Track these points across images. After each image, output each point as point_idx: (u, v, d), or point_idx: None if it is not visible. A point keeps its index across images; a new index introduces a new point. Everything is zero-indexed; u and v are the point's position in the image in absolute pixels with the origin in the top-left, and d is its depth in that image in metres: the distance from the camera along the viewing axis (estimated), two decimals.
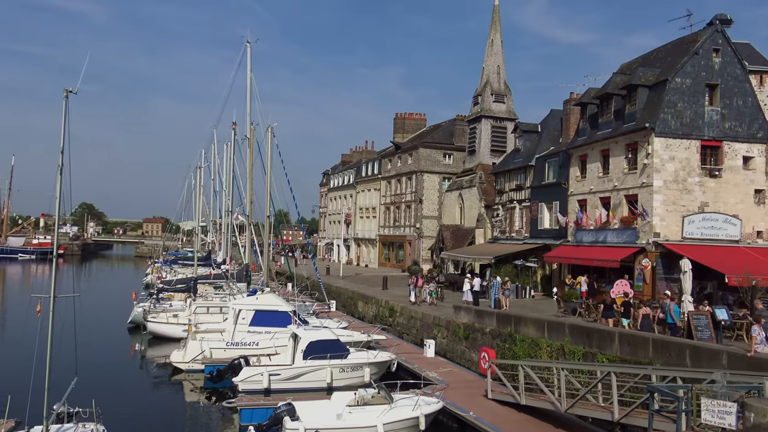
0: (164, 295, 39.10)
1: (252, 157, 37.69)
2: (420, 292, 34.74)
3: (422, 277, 37.02)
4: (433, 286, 35.27)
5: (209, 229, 75.96)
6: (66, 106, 15.23)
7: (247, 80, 38.85)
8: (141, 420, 20.05)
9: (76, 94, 15.40)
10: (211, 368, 23.36)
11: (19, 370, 17.73)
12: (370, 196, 72.20)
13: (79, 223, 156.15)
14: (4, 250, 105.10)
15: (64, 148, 15.03)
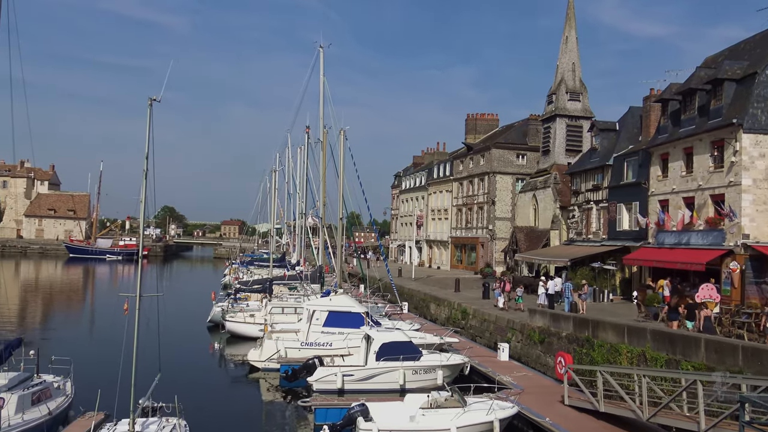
0: (241, 295, 40.22)
1: (325, 160, 38.24)
2: (508, 297, 33.39)
3: (510, 281, 35.60)
4: (521, 290, 33.66)
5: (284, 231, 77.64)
6: (150, 114, 15.92)
7: (320, 84, 39.44)
8: (220, 416, 20.66)
9: (159, 102, 16.09)
10: (287, 367, 23.80)
11: (108, 366, 18.62)
12: (441, 197, 71.92)
13: (161, 226, 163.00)
14: (93, 251, 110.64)
15: (149, 153, 15.72)
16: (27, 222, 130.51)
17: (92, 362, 24.10)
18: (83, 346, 31.42)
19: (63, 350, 22.32)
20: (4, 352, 17.22)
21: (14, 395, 15.79)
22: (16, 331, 32.95)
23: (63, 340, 32.17)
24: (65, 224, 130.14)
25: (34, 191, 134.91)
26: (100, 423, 15.37)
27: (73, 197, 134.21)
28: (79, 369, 19.79)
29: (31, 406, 16.16)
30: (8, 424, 14.65)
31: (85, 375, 20.20)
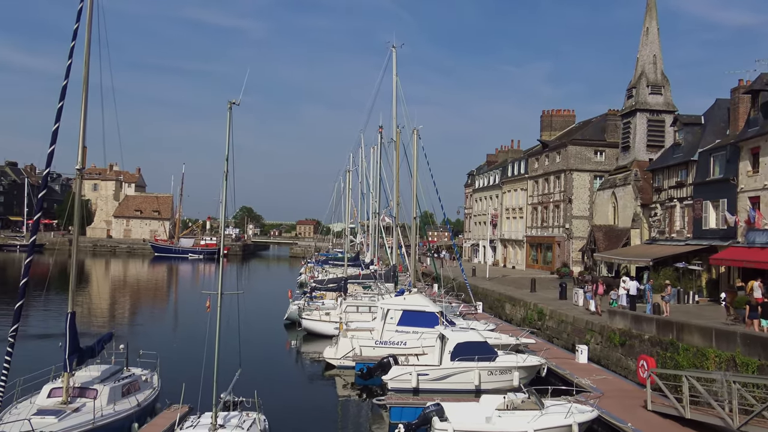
0: (317, 293, 40.90)
1: (398, 159, 38.38)
2: (601, 300, 31.30)
3: (603, 283, 33.82)
4: (615, 294, 31.09)
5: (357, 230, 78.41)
6: (230, 117, 16.43)
7: (393, 84, 39.57)
8: (297, 411, 21.07)
9: (238, 105, 16.58)
10: (362, 365, 24.03)
11: (192, 361, 19.35)
12: (516, 196, 70.79)
13: (240, 226, 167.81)
14: (176, 250, 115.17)
15: (229, 155, 16.22)
16: (116, 222, 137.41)
17: (177, 357, 25.06)
18: (168, 341, 32.75)
19: (150, 345, 23.32)
20: (96, 346, 18.18)
21: (106, 387, 16.65)
22: (107, 325, 34.70)
23: (149, 335, 33.65)
24: (150, 224, 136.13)
25: (122, 193, 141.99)
26: (184, 415, 16.00)
27: (158, 198, 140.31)
28: (164, 363, 20.65)
29: (122, 397, 16.98)
30: (101, 414, 15.44)
31: (170, 369, 21.03)
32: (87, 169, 18.77)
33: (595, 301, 30.85)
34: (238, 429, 14.67)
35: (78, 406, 15.71)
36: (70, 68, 16.34)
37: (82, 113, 17.13)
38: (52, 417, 14.77)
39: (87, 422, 14.88)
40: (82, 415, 15.23)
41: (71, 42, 16.47)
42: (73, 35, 16.57)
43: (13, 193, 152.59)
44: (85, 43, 17.06)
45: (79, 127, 17.22)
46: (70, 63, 16.32)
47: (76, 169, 17.68)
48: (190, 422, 15.13)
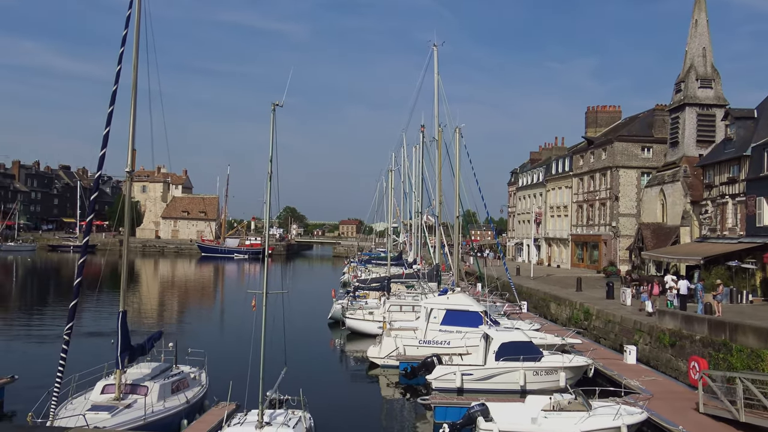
0: (360, 293, 41.06)
1: (440, 158, 38.24)
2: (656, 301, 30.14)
3: (659, 284, 32.78)
4: (672, 295, 29.74)
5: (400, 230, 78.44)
6: (273, 118, 16.63)
7: (435, 83, 39.50)
8: (341, 410, 21.18)
9: (281, 107, 16.77)
10: (405, 365, 23.99)
11: (238, 359, 19.67)
12: (561, 194, 69.75)
13: (283, 226, 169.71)
14: (222, 250, 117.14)
15: (272, 156, 16.41)
16: (164, 223, 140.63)
17: (224, 355, 25.47)
18: (215, 339, 33.35)
19: (197, 343, 23.79)
20: (147, 344, 18.65)
21: (156, 384, 17.06)
22: (157, 324, 35.55)
23: (197, 334, 34.30)
24: (197, 225, 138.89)
25: (169, 195, 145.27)
26: (232, 413, 16.24)
27: (204, 200, 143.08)
28: (211, 361, 21.04)
29: (171, 394, 17.38)
30: (152, 410, 15.83)
31: (218, 367, 21.38)
32: (136, 172, 19.25)
33: (651, 302, 29.72)
34: (284, 427, 14.82)
35: (130, 402, 16.15)
36: (120, 73, 16.81)
37: (131, 117, 17.60)
38: (105, 413, 15.21)
39: (138, 418, 15.28)
40: (133, 411, 15.64)
41: (120, 48, 16.93)
42: (122, 41, 17.02)
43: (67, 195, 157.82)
44: (133, 49, 17.53)
45: (129, 130, 17.69)
46: (120, 68, 16.78)
47: (126, 172, 18.17)
48: (238, 419, 15.35)
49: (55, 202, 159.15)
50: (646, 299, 30.37)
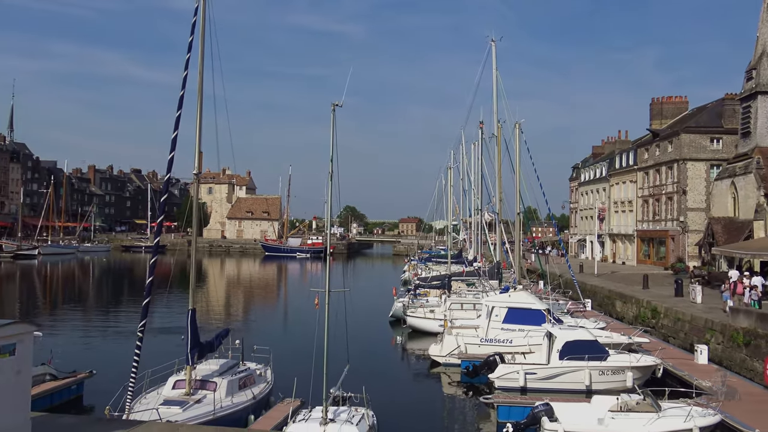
0: (421, 291, 41.08)
1: (500, 154, 37.81)
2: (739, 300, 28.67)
3: (741, 282, 31.01)
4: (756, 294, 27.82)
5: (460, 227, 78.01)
6: (333, 119, 16.87)
7: (493, 78, 39.06)
8: (404, 407, 21.28)
9: (341, 107, 16.99)
10: (467, 363, 23.90)
11: (302, 356, 20.05)
12: (625, 188, 67.84)
13: (344, 224, 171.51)
14: (285, 249, 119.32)
15: (333, 156, 16.66)
16: (229, 224, 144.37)
17: (288, 352, 25.97)
18: (280, 336, 34.06)
19: (262, 340, 24.35)
20: (215, 341, 19.23)
21: (224, 380, 17.58)
22: (224, 322, 36.58)
23: (262, 331, 35.11)
24: (261, 225, 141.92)
25: (234, 196, 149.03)
26: (297, 409, 16.55)
27: (267, 200, 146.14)
28: (276, 358, 21.51)
29: (239, 390, 17.86)
30: (220, 406, 16.32)
31: (282, 363, 21.84)
32: (202, 174, 19.86)
33: (734, 302, 28.29)
34: (348, 424, 15.00)
35: (200, 397, 16.69)
36: (186, 79, 17.38)
37: (197, 121, 18.15)
38: (177, 407, 15.79)
39: (208, 413, 15.78)
40: (203, 406, 16.17)
41: (186, 54, 17.47)
42: (188, 47, 17.56)
43: (138, 198, 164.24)
44: (198, 55, 18.10)
45: (195, 133, 18.28)
46: (186, 74, 17.35)
47: (193, 174, 18.77)
48: (303, 416, 15.62)
49: (127, 204, 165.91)
50: (728, 298, 28.93)
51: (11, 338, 7.51)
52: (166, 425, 10.18)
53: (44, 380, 19.43)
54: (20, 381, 7.72)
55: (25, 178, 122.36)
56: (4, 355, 7.39)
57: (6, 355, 7.43)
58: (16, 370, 7.63)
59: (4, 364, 7.38)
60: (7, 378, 7.45)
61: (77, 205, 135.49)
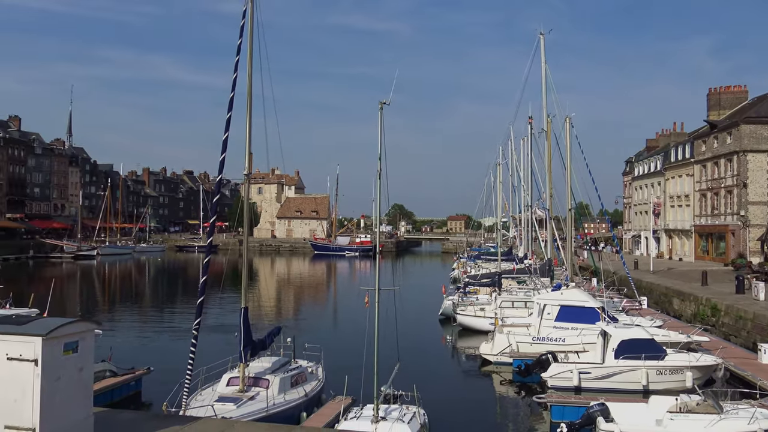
0: (470, 289, 40.76)
1: (550, 150, 37.18)
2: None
3: None
4: None
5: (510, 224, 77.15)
6: (381, 117, 16.88)
7: (542, 72, 38.41)
8: (454, 406, 21.12)
9: (389, 105, 16.98)
10: (519, 362, 23.58)
11: (353, 354, 20.15)
12: (681, 182, 65.83)
13: (392, 223, 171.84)
14: (334, 248, 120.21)
15: (381, 155, 16.66)
16: (279, 223, 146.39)
17: (338, 350, 26.12)
18: (330, 334, 34.31)
19: (313, 338, 24.57)
20: (267, 339, 19.48)
21: (277, 377, 17.80)
22: (275, 320, 37.09)
23: (313, 329, 35.41)
24: (309, 224, 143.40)
25: (283, 195, 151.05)
26: (348, 407, 16.64)
27: (315, 199, 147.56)
28: (327, 355, 21.66)
29: (291, 387, 18.05)
30: (273, 403, 16.53)
31: (333, 361, 21.96)
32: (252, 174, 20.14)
33: None
34: (399, 422, 14.99)
35: (253, 394, 16.95)
36: (236, 81, 17.65)
37: (247, 122, 18.41)
38: (231, 404, 16.08)
39: (261, 410, 16.00)
40: (256, 403, 16.41)
41: (235, 57, 17.74)
42: (237, 50, 17.81)
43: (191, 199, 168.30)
44: (247, 57, 18.35)
45: (245, 135, 18.54)
46: (236, 76, 17.61)
47: (244, 175, 19.06)
48: (354, 413, 15.69)
49: (180, 205, 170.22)
50: None
51: (74, 336, 7.74)
52: (221, 421, 10.35)
53: (104, 376, 20.05)
54: (83, 377, 7.96)
55: (83, 182, 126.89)
56: (67, 352, 7.63)
57: (69, 352, 7.66)
58: (79, 366, 7.86)
59: (67, 361, 7.62)
60: (71, 374, 7.69)
61: (133, 207, 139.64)
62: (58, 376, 7.48)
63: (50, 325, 7.52)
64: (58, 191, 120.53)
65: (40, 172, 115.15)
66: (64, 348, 7.59)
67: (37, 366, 7.26)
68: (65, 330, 7.60)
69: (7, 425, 7.35)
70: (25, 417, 7.30)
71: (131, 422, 9.22)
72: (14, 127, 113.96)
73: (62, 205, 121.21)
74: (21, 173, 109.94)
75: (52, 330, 7.39)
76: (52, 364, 7.39)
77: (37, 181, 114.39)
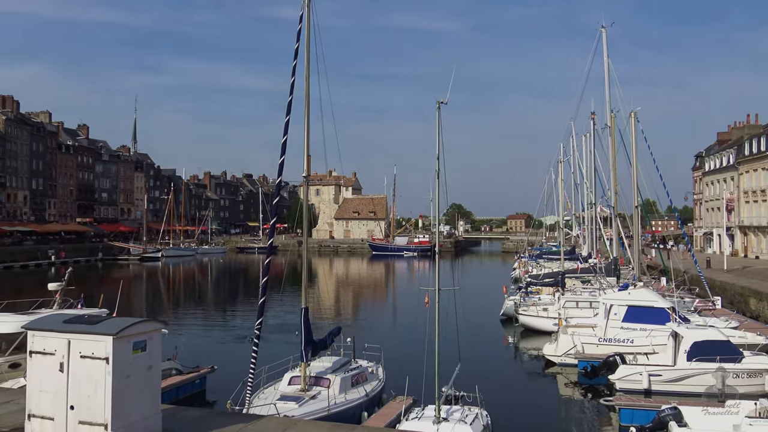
0: (533, 289, 40.00)
1: (614, 145, 36.12)
2: None
3: None
4: None
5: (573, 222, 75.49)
6: (439, 116, 16.69)
7: (605, 66, 37.44)
8: (518, 408, 20.73)
9: (446, 104, 16.78)
10: (585, 363, 22.90)
11: (412, 354, 20.01)
12: (756, 176, 62.89)
13: (450, 222, 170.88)
14: (392, 248, 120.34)
15: (439, 154, 16.46)
16: (336, 224, 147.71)
17: (398, 350, 25.97)
18: (389, 334, 34.23)
19: (373, 338, 24.54)
20: (327, 339, 19.56)
21: (338, 377, 17.84)
22: (334, 320, 37.31)
23: (372, 329, 35.44)
24: (367, 225, 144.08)
25: (341, 197, 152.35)
26: (409, 407, 16.53)
27: (373, 200, 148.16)
28: (387, 355, 21.57)
29: (352, 387, 18.05)
30: (334, 402, 16.56)
31: (393, 361, 21.85)
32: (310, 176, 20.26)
33: None
34: (461, 423, 14.77)
35: (314, 393, 17.03)
36: (294, 85, 17.77)
37: (305, 125, 18.53)
38: (293, 403, 16.19)
39: (323, 409, 16.04)
40: (318, 402, 16.47)
41: (293, 61, 17.87)
42: (295, 54, 17.93)
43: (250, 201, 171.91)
44: (305, 61, 18.44)
45: (304, 138, 18.66)
46: (294, 80, 17.73)
47: (303, 177, 19.20)
48: (415, 414, 15.56)
49: (240, 207, 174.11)
50: None
51: (143, 335, 7.89)
52: (283, 420, 10.38)
53: (170, 375, 20.54)
54: (151, 375, 8.11)
55: (148, 186, 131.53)
56: (136, 351, 7.78)
57: (138, 351, 7.81)
58: (148, 365, 8.01)
59: (136, 359, 7.77)
60: (140, 372, 7.85)
61: (195, 210, 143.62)
62: (128, 374, 7.63)
63: (120, 324, 7.67)
64: (124, 196, 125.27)
65: (108, 177, 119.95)
66: (134, 347, 7.74)
67: (108, 364, 7.42)
68: (134, 329, 7.75)
69: (82, 420, 7.54)
70: (97, 413, 7.47)
71: (198, 420, 9.34)
72: (83, 135, 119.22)
73: (128, 209, 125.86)
74: (90, 179, 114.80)
75: (122, 329, 7.55)
76: (122, 363, 7.54)
77: (104, 187, 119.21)
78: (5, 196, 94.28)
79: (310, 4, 18.26)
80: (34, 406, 7.80)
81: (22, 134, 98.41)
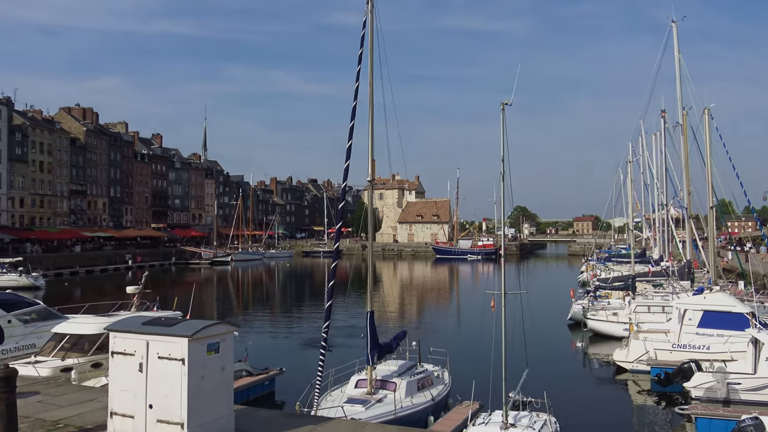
0: (601, 293, 39.00)
1: (687, 144, 34.83)
2: None
3: None
4: None
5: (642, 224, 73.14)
6: (503, 118, 16.54)
7: (675, 62, 36.11)
8: (588, 415, 20.25)
9: (510, 106, 16.62)
10: (658, 370, 22.14)
11: (478, 359, 19.86)
12: None
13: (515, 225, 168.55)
14: (456, 251, 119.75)
15: (504, 156, 16.32)
16: (400, 228, 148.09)
17: (464, 354, 25.84)
18: (455, 338, 34.02)
19: (438, 342, 24.46)
20: (393, 342, 19.67)
21: (403, 381, 17.89)
22: (399, 323, 37.39)
23: (437, 333, 35.35)
24: (431, 228, 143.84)
25: (404, 200, 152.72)
26: (476, 412, 16.41)
27: (436, 203, 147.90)
28: (452, 360, 21.48)
29: (417, 391, 18.07)
30: (400, 406, 16.62)
31: (459, 366, 21.77)
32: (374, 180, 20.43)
33: None
34: (530, 429, 14.57)
35: (380, 397, 17.14)
36: (358, 90, 17.98)
37: (369, 130, 18.72)
38: (360, 406, 16.35)
39: (389, 412, 16.13)
40: (384, 406, 16.57)
41: (357, 66, 18.09)
42: (358, 60, 18.15)
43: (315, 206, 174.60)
44: (368, 66, 18.64)
45: (368, 142, 18.85)
46: (358, 85, 17.95)
47: (367, 181, 19.40)
48: (482, 419, 15.43)
49: (305, 212, 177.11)
50: None
51: (216, 337, 8.19)
52: (351, 423, 10.52)
53: (241, 376, 21.08)
54: (224, 376, 8.40)
55: (217, 192, 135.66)
56: (210, 352, 8.08)
57: (212, 352, 8.11)
58: (221, 366, 8.30)
59: (210, 360, 8.07)
60: (214, 373, 8.14)
61: (262, 215, 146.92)
62: (202, 375, 7.93)
63: (195, 326, 7.99)
64: (196, 202, 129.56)
65: (180, 184, 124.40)
66: (208, 348, 8.04)
67: (184, 365, 7.74)
68: (208, 331, 8.06)
69: (160, 419, 7.89)
70: (174, 412, 7.80)
71: (268, 420, 9.59)
72: (157, 144, 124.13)
73: (199, 215, 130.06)
74: (163, 186, 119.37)
75: (196, 331, 7.86)
76: (197, 363, 7.84)
77: (177, 193, 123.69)
78: (86, 204, 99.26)
79: (373, 9, 18.44)
80: (116, 405, 8.22)
81: (101, 144, 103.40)
